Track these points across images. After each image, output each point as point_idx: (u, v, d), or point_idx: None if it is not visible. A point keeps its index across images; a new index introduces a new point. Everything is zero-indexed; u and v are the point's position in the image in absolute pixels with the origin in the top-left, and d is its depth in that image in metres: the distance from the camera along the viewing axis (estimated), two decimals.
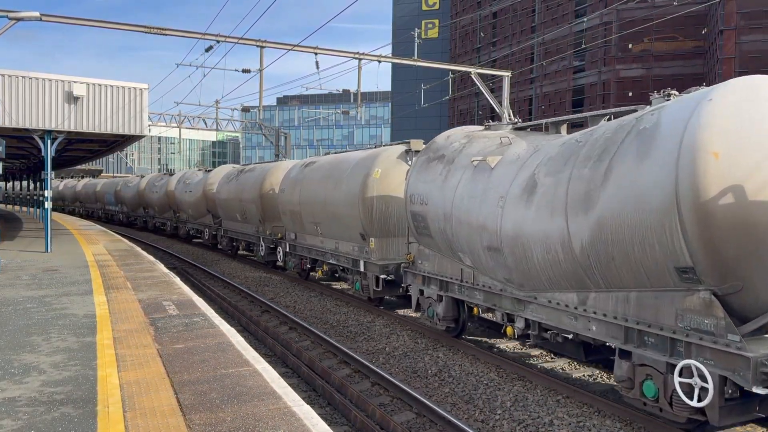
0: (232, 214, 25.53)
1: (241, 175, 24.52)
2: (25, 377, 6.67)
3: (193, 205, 30.14)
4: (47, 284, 12.83)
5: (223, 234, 27.16)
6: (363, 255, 15.17)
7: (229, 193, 25.16)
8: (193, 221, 31.57)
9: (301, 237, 19.09)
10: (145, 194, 39.79)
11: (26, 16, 16.67)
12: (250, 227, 23.79)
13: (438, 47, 72.02)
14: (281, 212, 20.12)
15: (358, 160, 15.82)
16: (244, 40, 21.09)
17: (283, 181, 20.03)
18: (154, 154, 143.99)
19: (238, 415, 5.55)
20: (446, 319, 11.83)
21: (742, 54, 39.27)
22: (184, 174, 33.33)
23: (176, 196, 33.02)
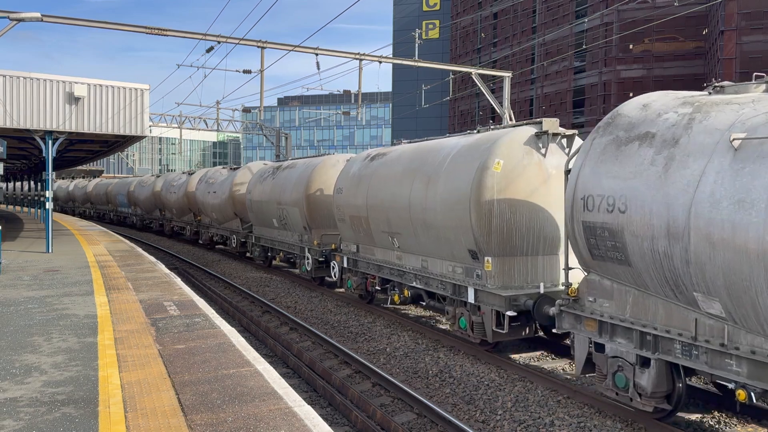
0: (266, 219, 21.72)
1: (279, 173, 20.67)
2: (27, 377, 6.67)
3: (218, 208, 26.80)
4: (48, 285, 12.84)
5: (255, 242, 23.26)
6: (473, 280, 11.08)
7: (263, 194, 21.40)
8: (217, 226, 27.95)
9: (367, 250, 15.06)
10: (161, 195, 36.02)
11: (27, 16, 16.69)
12: (291, 235, 19.93)
13: (438, 48, 72.04)
14: (337, 218, 16.04)
15: (463, 148, 11.61)
16: (245, 40, 21.11)
17: (340, 179, 16.00)
18: (155, 154, 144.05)
19: (239, 415, 5.56)
20: (656, 395, 7.56)
21: (743, 54, 39.26)
22: (207, 173, 29.75)
23: (197, 198, 29.59)
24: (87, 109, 18.41)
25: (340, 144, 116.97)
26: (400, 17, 78.27)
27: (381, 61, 23.94)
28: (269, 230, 21.89)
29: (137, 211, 42.40)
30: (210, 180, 28.29)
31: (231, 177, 26.10)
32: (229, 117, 68.71)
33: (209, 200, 27.77)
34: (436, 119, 73.03)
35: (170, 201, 34.30)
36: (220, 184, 26.87)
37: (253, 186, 22.84)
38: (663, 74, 47.40)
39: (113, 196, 47.65)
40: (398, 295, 13.73)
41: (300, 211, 18.57)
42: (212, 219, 28.34)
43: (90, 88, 18.41)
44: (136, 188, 41.26)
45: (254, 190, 22.54)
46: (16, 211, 53.76)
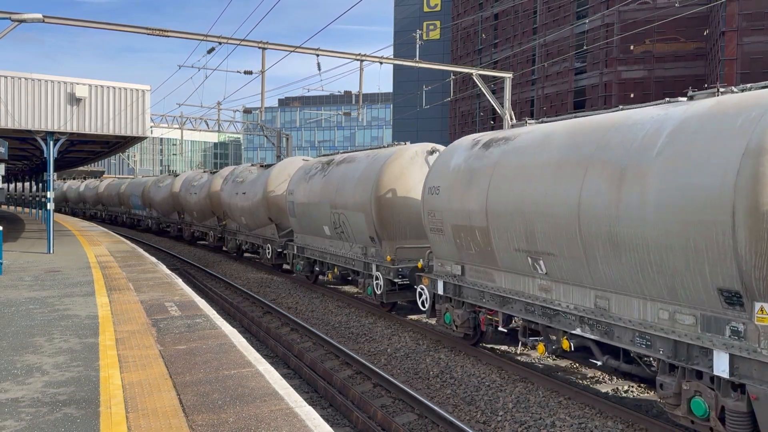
0: (314, 226, 17.81)
1: (332, 169, 17.04)
2: (28, 378, 6.68)
3: (249, 212, 23.25)
4: (50, 285, 12.85)
5: (298, 253, 19.36)
6: (724, 340, 6.57)
7: (311, 195, 17.64)
8: (247, 232, 24.29)
9: (480, 274, 10.73)
10: (180, 196, 32.48)
11: (29, 17, 16.72)
12: (350, 247, 15.96)
13: (439, 49, 72.05)
14: (429, 228, 11.87)
15: (693, 119, 7.06)
16: (246, 41, 21.13)
17: (434, 176, 11.84)
18: (156, 155, 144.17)
19: (240, 416, 5.56)
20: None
21: (744, 55, 39.25)
22: (234, 171, 26.57)
23: (223, 200, 26.16)
24: (88, 109, 18.44)
25: (341, 145, 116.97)
26: (401, 18, 78.31)
27: (382, 62, 23.95)
28: (318, 240, 17.85)
29: (153, 214, 39.01)
30: (238, 179, 24.73)
31: (264, 175, 22.38)
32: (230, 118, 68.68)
33: (238, 202, 24.18)
34: (437, 120, 73.06)
35: (190, 203, 30.63)
36: (251, 184, 23.23)
37: (295, 185, 18.97)
38: (664, 75, 47.40)
39: (126, 197, 44.09)
40: (541, 345, 9.39)
41: (366, 217, 14.51)
42: (241, 224, 24.79)
43: (91, 89, 18.44)
44: (152, 188, 37.69)
45: (298, 191, 18.66)
46: (18, 211, 53.81)
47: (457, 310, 11.35)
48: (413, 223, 14.00)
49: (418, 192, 13.52)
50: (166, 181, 36.20)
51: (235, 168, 27.13)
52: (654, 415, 8.28)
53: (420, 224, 13.47)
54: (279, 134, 42.91)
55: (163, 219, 37.18)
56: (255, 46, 21.63)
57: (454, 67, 29.65)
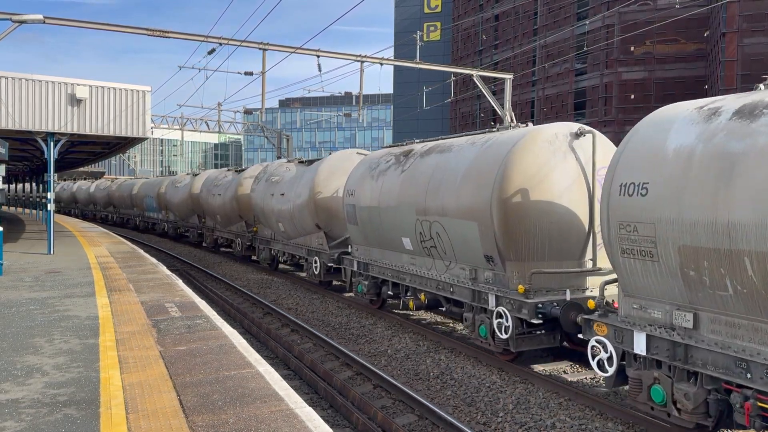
0: (386, 237, 13.77)
1: (416, 162, 12.87)
2: (28, 379, 6.68)
3: (287, 217, 19.57)
4: (50, 286, 12.86)
5: (360, 270, 15.20)
6: None
7: (383, 196, 13.59)
8: (285, 241, 20.66)
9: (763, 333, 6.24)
10: (201, 198, 29.24)
11: (29, 18, 16.74)
12: (447, 267, 11.75)
13: (440, 50, 72.07)
14: (623, 250, 7.65)
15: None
16: (246, 42, 21.15)
17: (631, 165, 7.61)
18: (156, 156, 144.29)
19: (241, 416, 5.56)
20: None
21: (744, 57, 39.26)
22: (265, 169, 22.99)
23: (253, 202, 22.63)
24: (89, 110, 18.45)
25: (341, 146, 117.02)
26: (402, 19, 78.36)
27: (382, 63, 23.97)
28: (391, 255, 13.87)
29: (169, 217, 35.64)
30: (273, 178, 21.30)
31: (309, 173, 18.61)
32: (231, 119, 68.79)
33: (273, 206, 20.63)
34: (437, 121, 73.08)
35: (213, 206, 27.36)
36: (291, 184, 19.63)
37: (357, 184, 14.99)
38: (664, 76, 47.39)
39: (140, 198, 40.61)
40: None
41: (482, 228, 10.37)
42: (277, 231, 21.22)
43: (92, 90, 18.46)
44: (168, 189, 34.32)
45: (361, 191, 14.68)
46: (18, 212, 53.85)
47: (686, 388, 6.94)
48: (555, 237, 10.09)
49: (560, 192, 10.04)
50: (184, 181, 32.76)
51: (267, 165, 23.72)
52: (654, 416, 8.28)
53: (564, 239, 10.11)
54: (279, 135, 42.97)
55: (181, 223, 33.84)
56: (255, 47, 21.66)
57: (455, 68, 29.67)
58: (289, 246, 20.49)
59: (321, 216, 17.94)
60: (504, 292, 10.14)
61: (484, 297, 10.65)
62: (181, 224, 33.85)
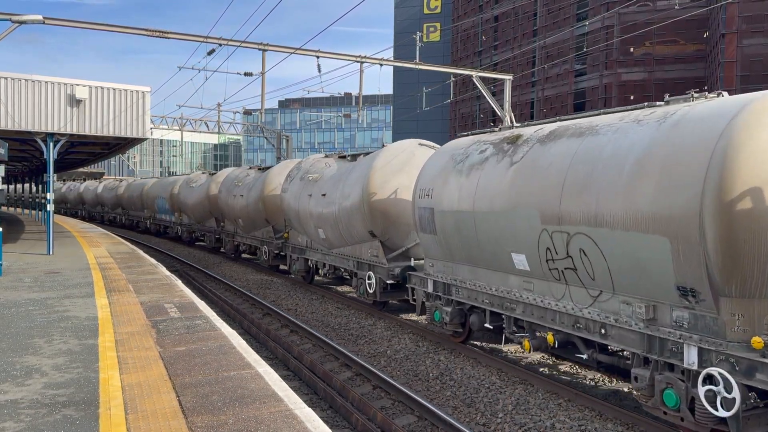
0: (483, 251, 10.51)
1: (535, 151, 9.51)
2: (28, 379, 6.68)
3: (331, 222, 16.53)
4: (49, 287, 12.85)
5: (437, 291, 11.95)
6: None
7: (479, 197, 10.36)
8: (326, 250, 17.55)
9: None
10: (220, 200, 26.51)
11: (29, 19, 16.74)
12: (597, 299, 8.34)
13: (439, 50, 72.12)
14: None
15: None
16: (246, 43, 21.15)
17: None
18: (156, 156, 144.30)
19: (240, 417, 5.56)
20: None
21: (744, 57, 39.29)
22: (301, 166, 19.76)
23: (286, 205, 19.61)
24: (88, 111, 18.45)
25: (341, 146, 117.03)
26: (401, 20, 78.41)
27: (382, 64, 23.97)
28: (489, 275, 10.54)
29: (183, 220, 32.99)
30: (309, 176, 18.42)
31: (358, 171, 15.55)
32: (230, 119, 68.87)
33: (311, 208, 17.62)
34: (437, 122, 73.10)
35: (234, 208, 24.67)
36: (333, 183, 16.74)
37: (434, 182, 11.67)
38: (664, 77, 47.43)
39: (151, 199, 37.88)
40: None
41: (678, 246, 6.99)
42: (314, 238, 18.17)
43: (91, 90, 18.45)
44: (182, 190, 31.76)
45: (441, 191, 11.39)
46: (18, 213, 53.83)
47: None
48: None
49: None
50: (200, 181, 30.29)
51: (301, 162, 20.60)
52: (653, 417, 8.28)
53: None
54: (279, 136, 42.98)
55: (197, 227, 31.13)
56: (255, 47, 21.66)
57: (454, 69, 29.68)
58: (331, 256, 17.34)
59: (377, 222, 14.65)
60: (718, 344, 6.65)
61: (673, 348, 7.22)
62: (197, 228, 31.22)
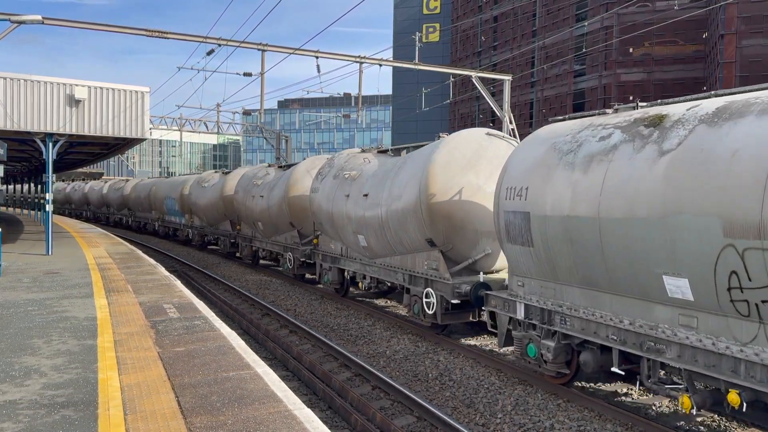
0: (622, 273, 7.74)
1: (706, 135, 6.79)
2: (26, 380, 6.67)
3: (379, 228, 14.16)
4: (48, 287, 12.84)
5: (543, 320, 9.22)
6: None
7: (628, 200, 7.47)
8: (367, 260, 15.29)
9: None
10: (236, 201, 24.30)
11: (28, 19, 16.73)
12: None
13: (439, 51, 72.10)
14: None
15: None
16: (245, 43, 21.14)
17: None
18: (155, 157, 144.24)
19: (239, 418, 5.55)
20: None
21: (743, 58, 39.30)
22: (332, 162, 17.38)
23: (316, 206, 17.17)
24: (87, 111, 18.44)
25: (340, 146, 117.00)
26: (401, 20, 78.39)
27: (381, 64, 23.98)
28: (616, 303, 8.07)
29: (194, 222, 30.72)
30: (345, 173, 15.93)
31: (411, 168, 13.28)
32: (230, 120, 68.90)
33: (348, 211, 15.27)
34: (436, 122, 73.06)
35: (253, 210, 22.37)
36: (377, 182, 14.47)
37: (529, 178, 9.34)
38: (663, 78, 47.45)
39: (159, 200, 35.63)
40: None
41: None
42: (351, 246, 15.84)
43: (90, 91, 18.44)
44: (194, 190, 29.75)
45: (541, 190, 9.02)
46: (17, 213, 53.79)
47: None
48: None
49: None
50: (213, 180, 28.31)
51: (333, 158, 17.94)
52: (652, 418, 8.28)
53: None
54: (278, 136, 42.98)
55: (210, 230, 28.83)
56: (254, 47, 21.66)
57: (454, 70, 29.69)
58: (374, 267, 14.92)
59: (437, 228, 12.21)
60: None
61: None
62: (210, 231, 28.85)
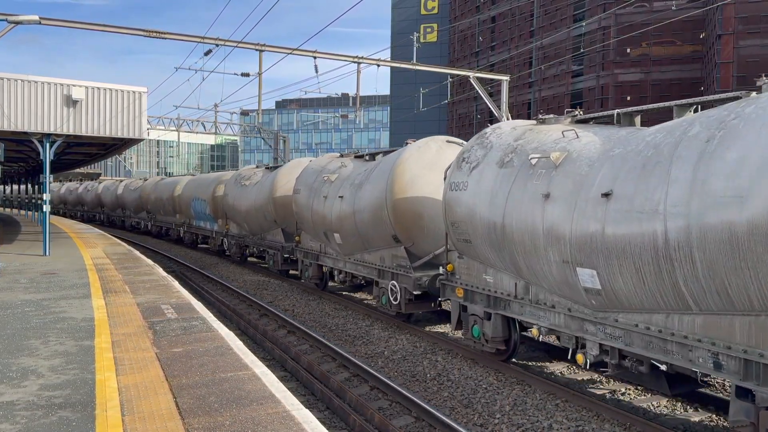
0: None
1: None
2: (24, 381, 6.65)
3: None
4: (45, 288, 12.81)
5: None
6: None
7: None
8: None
9: None
10: (298, 205, 17.70)
11: (25, 19, 16.69)
12: None
13: (437, 51, 72.12)
14: None
15: None
16: (243, 43, 21.12)
17: None
18: (153, 157, 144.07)
19: (237, 419, 5.54)
20: None
21: (740, 58, 39.37)
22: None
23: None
24: (85, 111, 18.41)
25: (338, 147, 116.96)
26: (399, 21, 78.39)
27: (379, 65, 23.97)
28: None
29: (231, 230, 25.11)
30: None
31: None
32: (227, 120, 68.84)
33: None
34: (434, 122, 73.08)
35: (326, 217, 15.77)
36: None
37: None
38: (661, 78, 47.51)
39: (185, 202, 30.56)
40: None
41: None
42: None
43: (88, 91, 18.41)
44: (231, 190, 24.44)
45: None
46: (14, 213, 53.69)
47: None
48: None
49: None
50: (255, 177, 22.99)
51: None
52: (650, 418, 8.28)
53: None
54: (276, 136, 42.94)
55: (252, 240, 23.12)
56: (252, 48, 21.63)
57: (452, 70, 29.69)
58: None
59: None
60: None
61: None
62: (252, 242, 23.23)
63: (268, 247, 22.01)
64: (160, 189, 35.52)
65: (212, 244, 28.12)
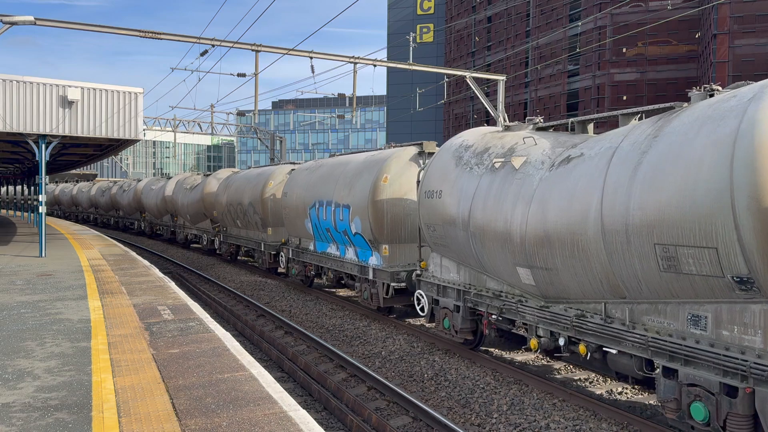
0: None
1: None
2: (19, 383, 6.62)
3: None
4: (41, 289, 12.77)
5: None
6: None
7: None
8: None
9: None
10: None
11: (20, 20, 16.64)
12: None
13: (433, 51, 72.17)
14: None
15: None
16: (239, 44, 21.09)
17: None
18: (149, 158, 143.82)
19: (234, 420, 5.53)
20: None
21: (736, 58, 39.49)
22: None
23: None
24: (81, 112, 18.36)
25: (335, 147, 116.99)
26: (395, 21, 78.41)
27: (375, 65, 23.96)
28: None
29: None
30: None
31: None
32: (224, 120, 68.70)
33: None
34: (431, 122, 73.15)
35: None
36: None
37: None
38: (656, 77, 47.62)
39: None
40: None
41: None
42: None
43: (84, 92, 18.37)
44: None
45: None
46: (10, 215, 53.52)
47: None
48: None
49: None
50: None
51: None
52: (647, 417, 8.29)
53: None
54: (273, 137, 42.91)
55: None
56: (248, 48, 21.61)
57: (448, 70, 29.70)
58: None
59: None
60: None
61: None
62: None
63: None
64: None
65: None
